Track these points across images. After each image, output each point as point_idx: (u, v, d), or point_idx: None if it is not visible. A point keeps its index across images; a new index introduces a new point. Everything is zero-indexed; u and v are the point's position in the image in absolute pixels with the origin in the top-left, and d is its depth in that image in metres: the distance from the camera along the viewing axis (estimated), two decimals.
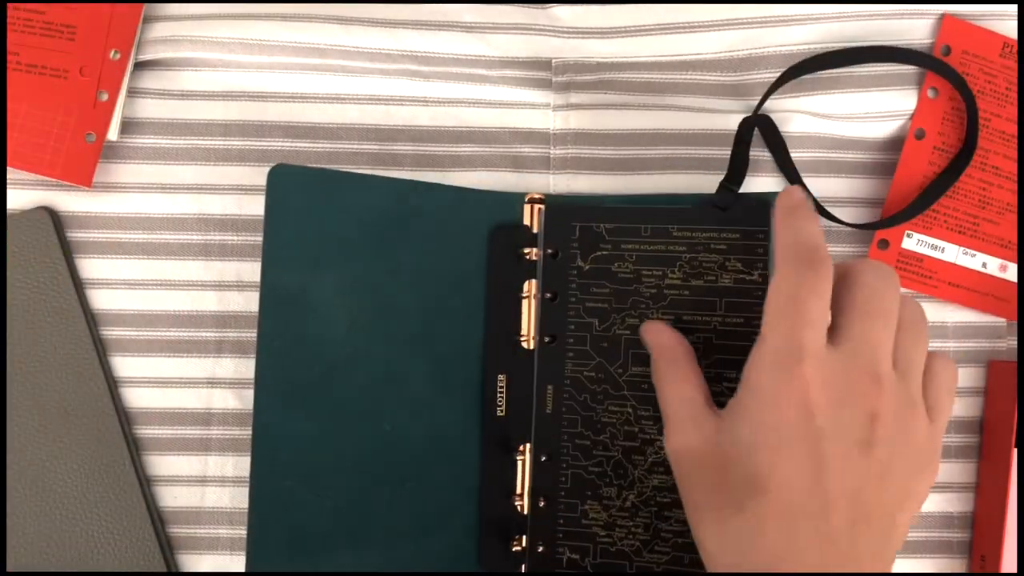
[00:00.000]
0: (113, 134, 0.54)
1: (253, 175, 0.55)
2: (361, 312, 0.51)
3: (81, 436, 0.53)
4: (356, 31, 0.55)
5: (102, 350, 0.54)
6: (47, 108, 0.53)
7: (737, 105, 0.56)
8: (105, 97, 0.54)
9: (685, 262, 0.50)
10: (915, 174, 0.55)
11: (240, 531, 0.54)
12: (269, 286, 0.50)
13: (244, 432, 0.54)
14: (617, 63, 0.56)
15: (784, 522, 0.40)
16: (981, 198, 0.55)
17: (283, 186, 0.50)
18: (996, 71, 0.55)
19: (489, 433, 0.52)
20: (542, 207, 0.53)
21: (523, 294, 0.52)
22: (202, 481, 0.54)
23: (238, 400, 0.55)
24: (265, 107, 0.56)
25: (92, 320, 0.54)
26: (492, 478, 0.52)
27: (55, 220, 0.54)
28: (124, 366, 0.55)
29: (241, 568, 0.54)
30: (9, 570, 0.52)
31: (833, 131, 0.55)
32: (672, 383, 0.46)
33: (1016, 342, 0.55)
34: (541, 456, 0.52)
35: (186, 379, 0.55)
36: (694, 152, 0.55)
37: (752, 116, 0.53)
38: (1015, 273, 0.55)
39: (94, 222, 0.55)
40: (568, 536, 0.51)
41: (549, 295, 0.52)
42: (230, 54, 0.54)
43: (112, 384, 0.54)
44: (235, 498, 0.54)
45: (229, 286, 0.55)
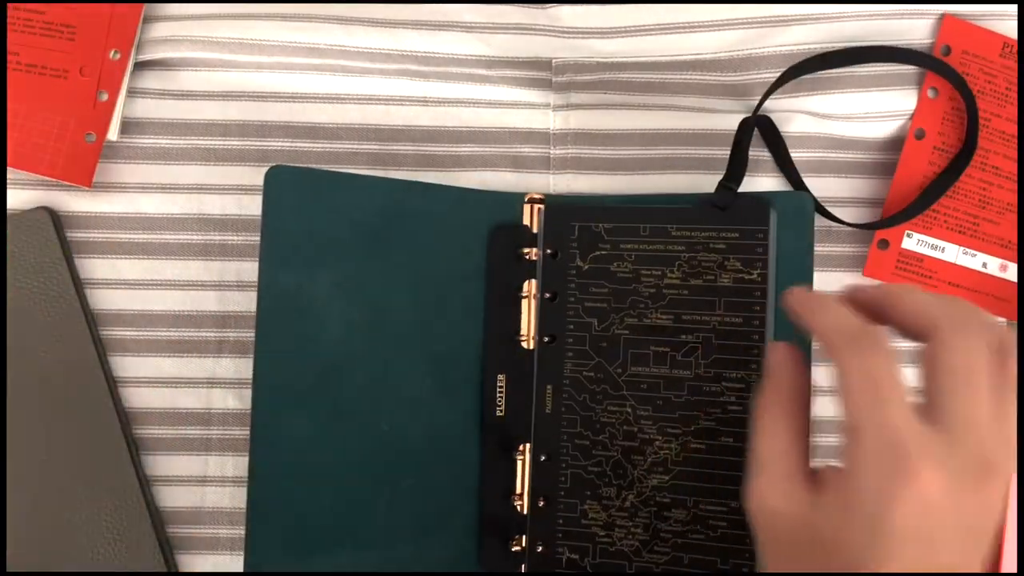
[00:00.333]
0: (113, 134, 0.54)
1: (253, 175, 0.55)
2: (360, 312, 0.51)
3: (81, 436, 0.53)
4: (356, 31, 0.55)
5: (102, 350, 0.54)
6: (47, 108, 0.54)
7: (737, 105, 0.56)
8: (105, 97, 0.54)
9: (684, 261, 0.50)
10: (915, 174, 0.55)
11: (240, 531, 0.54)
12: (267, 286, 0.50)
13: (244, 432, 0.54)
14: (617, 63, 0.56)
15: None
16: (981, 198, 0.54)
17: (281, 187, 0.50)
18: (996, 71, 0.55)
19: (488, 433, 0.52)
20: (542, 207, 0.53)
21: (522, 294, 0.52)
22: (202, 481, 0.54)
23: (238, 400, 0.55)
24: (265, 107, 0.56)
25: (92, 320, 0.54)
26: (492, 478, 0.52)
27: (55, 220, 0.54)
28: (124, 366, 0.55)
29: (241, 568, 0.54)
30: (9, 570, 0.52)
31: (833, 131, 0.55)
32: (773, 429, 0.42)
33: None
34: (540, 456, 0.52)
35: (186, 379, 0.55)
36: (694, 152, 0.55)
37: (752, 116, 0.53)
38: (1015, 273, 0.55)
39: (94, 222, 0.55)
40: (567, 536, 0.51)
41: (548, 295, 0.52)
42: (230, 54, 0.55)
43: (112, 384, 0.54)
44: (235, 498, 0.54)
45: (229, 286, 0.55)
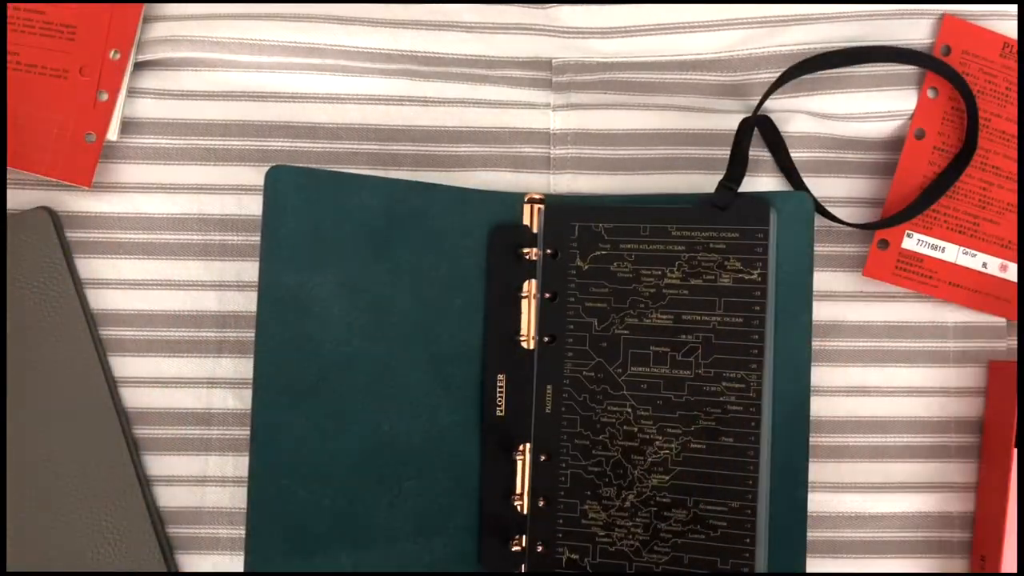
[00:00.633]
0: (113, 134, 0.54)
1: (253, 175, 0.55)
2: (360, 312, 0.51)
3: (81, 436, 0.53)
4: (356, 31, 0.55)
5: (102, 350, 0.54)
6: (47, 108, 0.54)
7: (737, 105, 0.56)
8: (105, 97, 0.54)
9: (684, 261, 0.50)
10: (915, 174, 0.55)
11: (240, 531, 0.54)
12: (267, 286, 0.50)
13: (244, 432, 0.54)
14: (617, 63, 0.56)
15: None
16: (981, 198, 0.54)
17: (281, 187, 0.50)
18: (996, 71, 0.55)
19: (489, 433, 0.52)
20: (542, 207, 0.53)
21: (523, 294, 0.52)
22: (202, 481, 0.54)
23: (238, 400, 0.55)
24: (265, 107, 0.56)
25: (92, 320, 0.54)
26: (492, 478, 0.52)
27: (55, 220, 0.54)
28: (124, 366, 0.55)
29: (241, 568, 0.54)
30: (9, 570, 0.52)
31: (833, 131, 0.55)
32: None
33: (1016, 342, 0.55)
34: (540, 456, 0.52)
35: (186, 379, 0.55)
36: (694, 152, 0.55)
37: (752, 116, 0.53)
38: (1015, 273, 0.55)
39: (94, 222, 0.55)
40: (567, 536, 0.51)
41: (548, 295, 0.52)
42: (230, 54, 0.55)
43: (112, 384, 0.54)
44: (235, 498, 0.54)
45: (229, 286, 0.55)
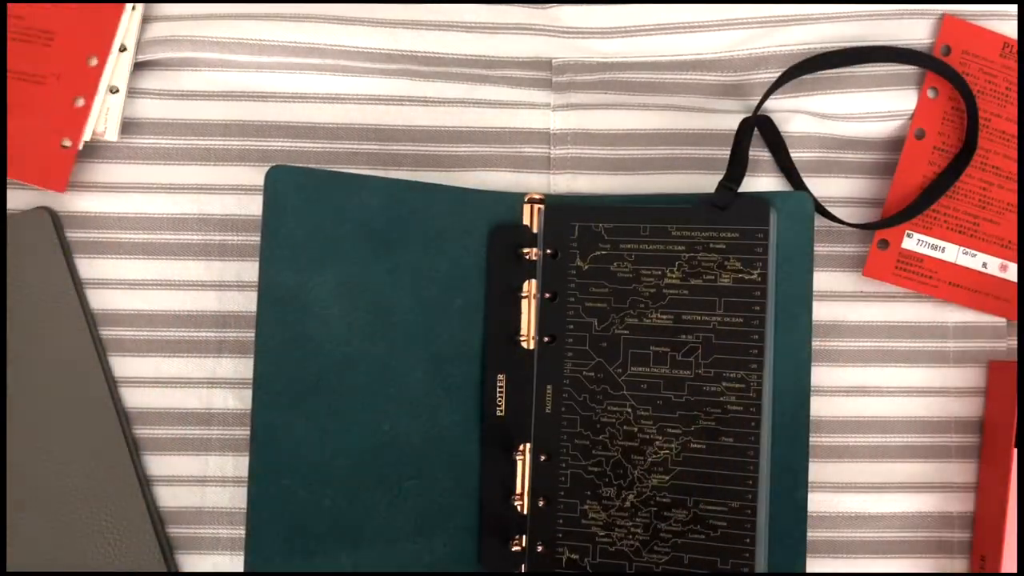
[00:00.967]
0: (113, 134, 0.54)
1: (253, 175, 0.55)
2: (360, 312, 0.51)
3: (81, 436, 0.53)
4: (356, 31, 0.55)
5: (102, 350, 0.54)
6: (23, 113, 0.53)
7: (737, 105, 0.56)
8: (81, 103, 0.53)
9: (684, 261, 0.50)
10: (915, 174, 0.55)
11: (240, 531, 0.54)
12: (267, 286, 0.50)
13: (244, 432, 0.54)
14: (617, 63, 0.56)
15: None
16: (981, 198, 0.54)
17: (281, 186, 0.50)
18: (996, 71, 0.55)
19: (489, 433, 0.52)
20: (542, 207, 0.53)
21: (522, 294, 0.52)
22: (202, 481, 0.54)
23: (238, 400, 0.55)
24: (265, 107, 0.56)
25: (92, 320, 0.54)
26: (492, 478, 0.52)
27: (55, 220, 0.54)
28: (124, 366, 0.55)
29: (241, 568, 0.54)
30: (9, 570, 0.52)
31: (833, 131, 0.55)
32: None
33: (1016, 342, 0.55)
34: (540, 456, 0.52)
35: (186, 379, 0.55)
36: (694, 152, 0.55)
37: (752, 116, 0.53)
38: (1015, 273, 0.55)
39: (94, 222, 0.55)
40: (567, 536, 0.51)
41: (548, 295, 0.52)
42: (230, 54, 0.55)
43: (112, 384, 0.54)
44: (235, 498, 0.54)
45: (229, 286, 0.55)
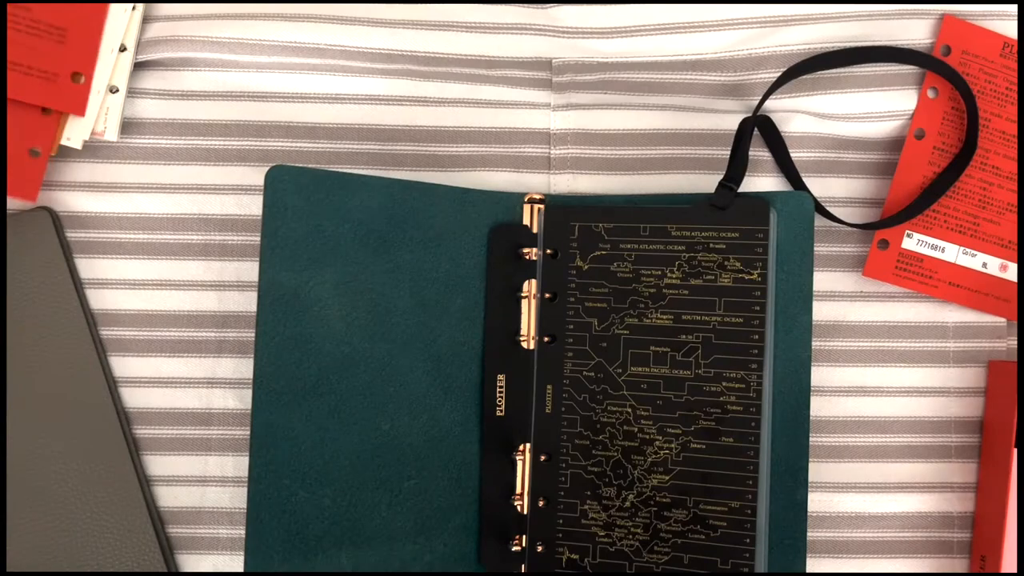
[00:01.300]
0: (112, 134, 0.54)
1: (253, 175, 0.55)
2: (359, 311, 0.51)
3: (81, 436, 0.53)
4: (356, 31, 0.55)
5: (102, 350, 0.54)
6: None
7: (737, 105, 0.56)
8: (51, 112, 0.53)
9: (684, 261, 0.50)
10: (915, 174, 0.55)
11: (240, 531, 0.54)
12: (267, 286, 0.50)
13: (244, 432, 0.54)
14: (617, 63, 0.56)
15: None
16: (981, 198, 0.54)
17: (281, 186, 0.50)
18: (996, 71, 0.55)
19: (489, 433, 0.52)
20: (542, 207, 0.53)
21: (522, 294, 0.52)
22: (202, 481, 0.54)
23: (238, 400, 0.55)
24: (265, 107, 0.56)
25: (92, 320, 0.54)
26: (492, 478, 0.52)
27: (55, 220, 0.54)
28: (124, 366, 0.55)
29: (241, 568, 0.54)
30: (9, 570, 0.52)
31: (833, 131, 0.55)
32: None
33: (1016, 342, 0.55)
34: (540, 456, 0.52)
35: (186, 379, 0.55)
36: (694, 152, 0.55)
37: (752, 116, 0.53)
38: (1015, 273, 0.55)
39: (94, 222, 0.55)
40: (567, 536, 0.51)
41: (548, 295, 0.52)
42: (230, 54, 0.55)
43: (112, 384, 0.54)
44: (235, 498, 0.54)
45: (229, 286, 0.55)
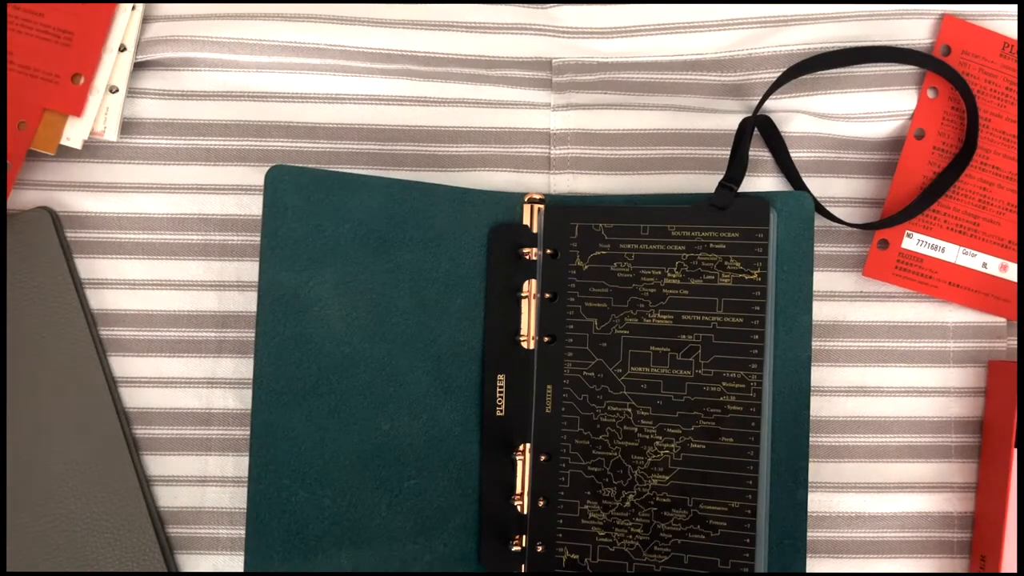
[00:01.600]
0: (112, 134, 0.54)
1: (253, 175, 0.55)
2: (359, 311, 0.51)
3: (81, 436, 0.53)
4: (356, 31, 0.55)
5: (102, 350, 0.54)
6: None
7: (737, 105, 0.56)
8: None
9: (684, 261, 0.50)
10: (915, 174, 0.55)
11: (240, 531, 0.54)
12: (267, 286, 0.50)
13: (244, 432, 0.54)
14: (617, 63, 0.56)
15: None
16: (981, 198, 0.54)
17: (281, 186, 0.50)
18: (996, 71, 0.55)
19: (489, 433, 0.52)
20: (542, 207, 0.53)
21: (522, 294, 0.52)
22: (202, 481, 0.54)
23: (238, 400, 0.55)
24: (265, 107, 0.56)
25: (92, 320, 0.54)
26: (492, 478, 0.52)
27: (55, 220, 0.54)
28: (124, 366, 0.55)
29: (241, 568, 0.54)
30: (9, 570, 0.52)
31: (833, 131, 0.55)
32: None
33: (1016, 342, 0.55)
34: (540, 456, 0.52)
35: (186, 379, 0.55)
36: (694, 152, 0.55)
37: (752, 116, 0.53)
38: (1015, 273, 0.55)
39: (94, 222, 0.55)
40: (567, 536, 0.51)
41: (548, 295, 0.52)
42: (230, 54, 0.55)
43: (112, 384, 0.54)
44: (235, 498, 0.54)
45: (229, 286, 0.55)
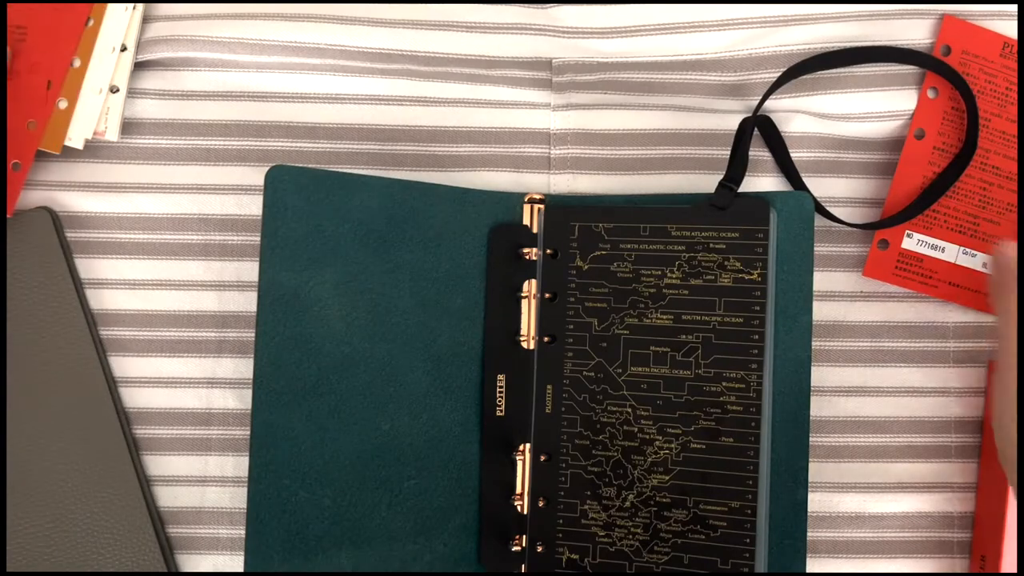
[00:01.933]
0: (113, 134, 0.54)
1: (253, 175, 0.55)
2: (360, 312, 0.51)
3: (81, 436, 0.53)
4: (356, 31, 0.55)
5: (102, 350, 0.54)
6: None
7: (737, 105, 0.56)
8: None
9: (684, 261, 0.50)
10: (915, 174, 0.55)
11: (240, 531, 0.54)
12: (267, 286, 0.50)
13: (244, 432, 0.54)
14: (617, 63, 0.56)
15: None
16: (981, 198, 0.54)
17: (281, 186, 0.50)
18: (996, 71, 0.55)
19: (489, 433, 0.52)
20: (542, 207, 0.53)
21: (522, 294, 0.52)
22: (202, 481, 0.54)
23: (238, 400, 0.55)
24: (265, 107, 0.56)
25: (92, 320, 0.54)
26: (492, 478, 0.52)
27: (55, 220, 0.54)
28: (124, 366, 0.55)
29: (241, 568, 0.54)
30: (9, 570, 0.52)
31: (833, 131, 0.55)
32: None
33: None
34: (540, 456, 0.52)
35: (186, 379, 0.55)
36: (694, 152, 0.55)
37: (752, 116, 0.53)
38: None
39: (94, 222, 0.55)
40: (567, 536, 0.51)
41: (548, 295, 0.52)
42: (230, 54, 0.55)
43: (112, 384, 0.54)
44: (235, 498, 0.54)
45: (229, 286, 0.55)
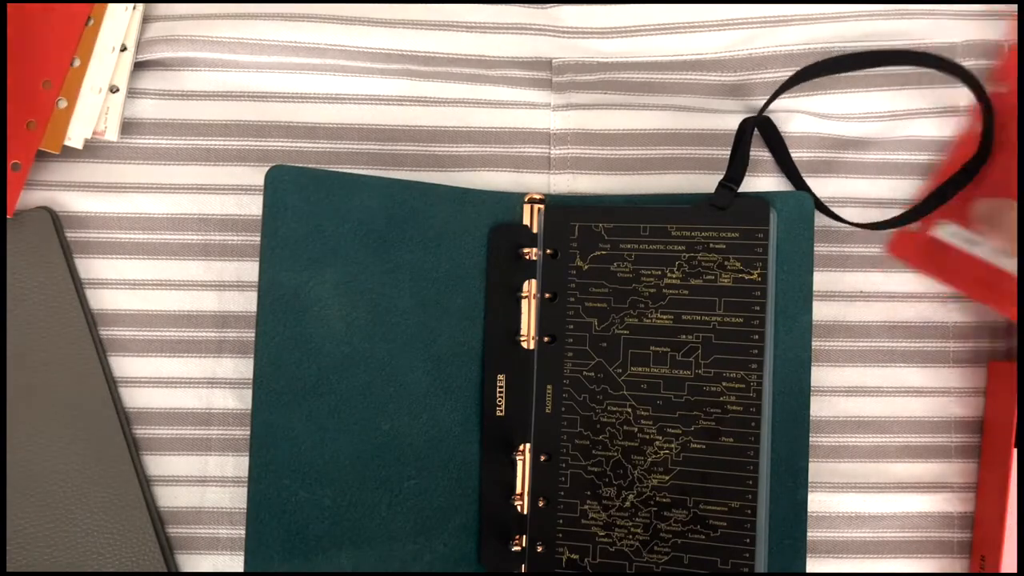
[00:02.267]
0: (113, 134, 0.54)
1: (253, 175, 0.55)
2: (359, 312, 0.51)
3: (81, 436, 0.53)
4: (356, 31, 0.55)
5: (102, 350, 0.54)
6: None
7: (737, 105, 0.56)
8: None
9: (684, 261, 0.50)
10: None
11: (240, 531, 0.54)
12: (267, 286, 0.50)
13: (244, 432, 0.54)
14: (617, 63, 0.56)
15: None
16: None
17: (281, 186, 0.50)
18: None
19: (489, 433, 0.52)
20: (542, 207, 0.53)
21: (522, 294, 0.52)
22: (202, 481, 0.54)
23: (238, 400, 0.55)
24: (265, 107, 0.56)
25: (92, 320, 0.54)
26: (492, 478, 0.52)
27: (55, 220, 0.54)
28: (124, 366, 0.55)
29: (241, 568, 0.54)
30: (9, 570, 0.52)
31: (833, 131, 0.55)
32: None
33: (1016, 342, 0.55)
34: (540, 456, 0.52)
35: (186, 379, 0.55)
36: (694, 152, 0.55)
37: (754, 116, 0.53)
38: None
39: (94, 222, 0.55)
40: (567, 536, 0.51)
41: (548, 295, 0.52)
42: (230, 54, 0.55)
43: (112, 384, 0.54)
44: (235, 498, 0.54)
45: (229, 286, 0.55)
